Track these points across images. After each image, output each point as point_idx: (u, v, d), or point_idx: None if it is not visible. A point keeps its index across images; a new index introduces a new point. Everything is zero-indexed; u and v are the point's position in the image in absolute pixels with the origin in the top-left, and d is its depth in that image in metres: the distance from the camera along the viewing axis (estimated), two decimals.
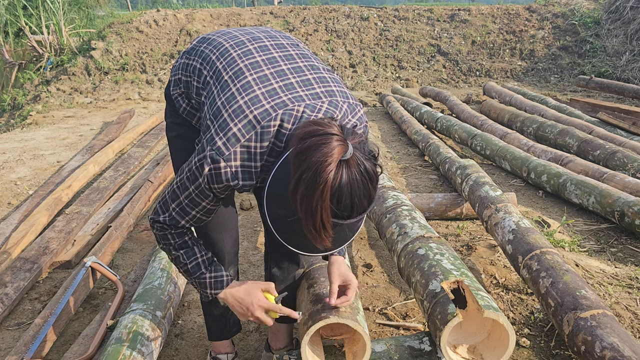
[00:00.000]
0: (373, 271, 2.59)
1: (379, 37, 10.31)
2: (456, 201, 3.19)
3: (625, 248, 2.77)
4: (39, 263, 2.65)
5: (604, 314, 1.66)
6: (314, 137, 1.06)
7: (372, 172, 1.09)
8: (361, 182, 1.07)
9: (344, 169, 1.04)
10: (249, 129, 1.21)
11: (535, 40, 9.79)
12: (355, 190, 1.06)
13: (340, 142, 1.05)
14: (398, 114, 6.07)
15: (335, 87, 1.34)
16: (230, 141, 1.21)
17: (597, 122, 5.18)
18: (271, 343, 1.85)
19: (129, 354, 1.57)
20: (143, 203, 3.52)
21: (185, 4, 14.99)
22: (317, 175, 1.02)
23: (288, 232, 1.17)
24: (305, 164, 1.04)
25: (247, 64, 1.33)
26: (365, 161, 1.08)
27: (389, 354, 1.51)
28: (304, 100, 1.26)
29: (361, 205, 1.09)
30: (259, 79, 1.29)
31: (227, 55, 1.37)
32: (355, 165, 1.06)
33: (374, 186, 1.11)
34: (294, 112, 1.23)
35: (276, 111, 1.22)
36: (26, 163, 4.82)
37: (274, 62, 1.34)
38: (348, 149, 1.06)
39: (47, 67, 9.39)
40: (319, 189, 1.03)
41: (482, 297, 1.45)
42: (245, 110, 1.23)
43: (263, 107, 1.23)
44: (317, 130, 1.07)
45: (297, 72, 1.33)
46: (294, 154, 1.08)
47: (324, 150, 1.03)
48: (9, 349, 2.07)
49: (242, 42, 1.40)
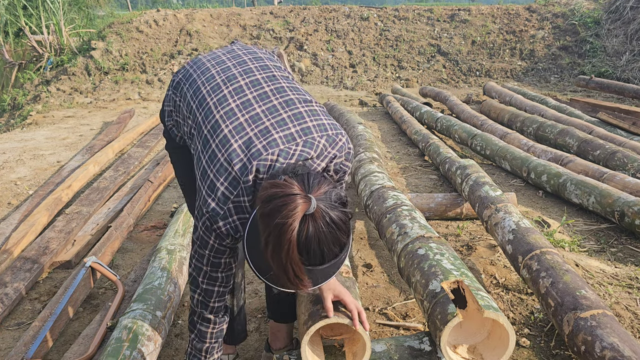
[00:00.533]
0: (373, 271, 2.59)
1: (379, 37, 10.30)
2: (456, 201, 3.19)
3: (625, 248, 2.76)
4: (39, 263, 2.65)
5: (604, 314, 1.66)
6: (275, 200, 1.09)
7: (339, 221, 1.11)
8: (328, 232, 1.09)
9: (310, 222, 1.07)
10: (235, 185, 1.27)
11: (535, 40, 9.79)
12: (323, 240, 1.09)
13: (302, 199, 1.08)
14: (398, 114, 6.07)
15: (311, 122, 1.34)
16: (221, 200, 1.27)
17: (597, 122, 5.18)
18: (271, 343, 1.85)
19: (129, 354, 1.57)
20: (143, 203, 3.52)
21: (185, 4, 14.99)
22: (281, 236, 1.06)
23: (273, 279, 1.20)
24: (269, 227, 1.08)
25: (223, 114, 1.36)
26: (330, 211, 1.10)
27: (389, 354, 1.51)
28: (277, 146, 1.28)
29: (331, 252, 1.12)
30: (234, 129, 1.32)
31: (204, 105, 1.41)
32: (320, 218, 1.08)
33: (343, 232, 1.13)
34: (268, 161, 1.26)
35: (251, 162, 1.26)
36: (26, 163, 4.82)
37: (248, 107, 1.36)
38: (311, 204, 1.08)
39: (47, 67, 9.39)
40: (284, 248, 1.06)
41: (482, 297, 1.45)
42: (227, 167, 1.28)
43: (241, 162, 1.27)
44: (277, 193, 1.10)
45: (270, 114, 1.35)
46: (259, 215, 1.12)
47: (284, 212, 1.06)
48: (9, 349, 2.07)
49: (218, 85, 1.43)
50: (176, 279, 2.19)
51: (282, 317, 1.81)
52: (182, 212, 2.77)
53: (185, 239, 2.53)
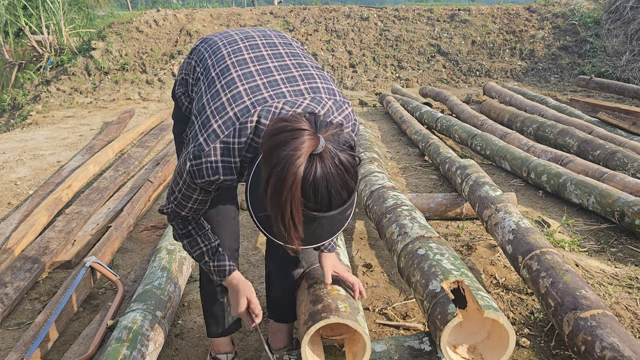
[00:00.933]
0: (373, 271, 2.59)
1: (379, 37, 10.30)
2: (456, 201, 3.19)
3: (625, 248, 2.76)
4: (39, 263, 2.65)
5: (604, 314, 1.66)
6: (283, 133, 1.06)
7: (347, 163, 1.08)
8: (336, 174, 1.06)
9: (318, 162, 1.04)
10: (229, 125, 1.24)
11: (535, 40, 9.79)
12: (331, 182, 1.06)
13: (311, 136, 1.05)
14: (398, 114, 6.07)
15: (321, 84, 1.36)
16: (210, 137, 1.25)
17: (597, 122, 5.18)
18: (271, 343, 1.85)
19: (129, 354, 1.57)
20: (143, 203, 3.52)
21: (185, 4, 14.99)
22: (286, 169, 1.02)
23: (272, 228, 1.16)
24: (274, 160, 1.04)
25: (234, 61, 1.37)
26: (339, 153, 1.07)
27: (389, 354, 1.51)
28: (284, 97, 1.28)
29: (339, 197, 1.09)
30: (243, 75, 1.33)
31: (217, 53, 1.42)
32: (329, 158, 1.05)
33: (352, 177, 1.10)
34: (272, 108, 1.25)
35: (255, 108, 1.25)
36: (26, 163, 4.82)
37: (261, 60, 1.38)
38: (319, 142, 1.05)
39: (47, 67, 9.39)
40: (288, 182, 1.03)
41: (482, 297, 1.45)
42: (227, 107, 1.27)
43: (244, 104, 1.26)
44: (285, 127, 1.08)
45: (282, 70, 1.36)
46: (264, 151, 1.09)
47: (292, 145, 1.04)
48: (9, 349, 2.07)
49: (235, 40, 1.45)
50: (176, 279, 2.19)
51: (282, 317, 1.81)
52: None
53: None
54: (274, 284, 1.80)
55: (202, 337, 2.10)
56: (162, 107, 7.81)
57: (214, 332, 1.81)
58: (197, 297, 2.39)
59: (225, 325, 1.80)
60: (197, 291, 2.45)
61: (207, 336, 1.85)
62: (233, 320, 1.83)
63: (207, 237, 1.50)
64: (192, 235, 1.48)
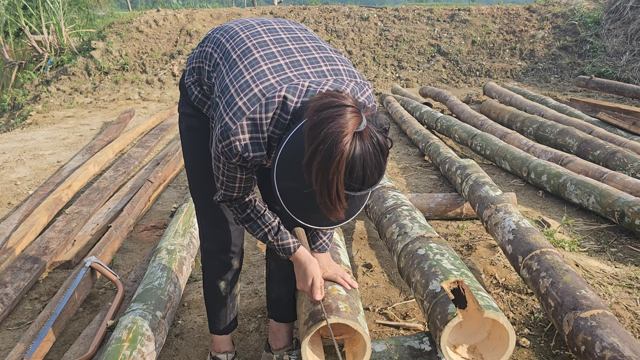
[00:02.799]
0: (373, 271, 2.59)
1: (379, 37, 10.30)
2: (456, 201, 3.19)
3: (625, 248, 2.76)
4: (39, 263, 2.65)
5: (604, 314, 1.66)
6: (330, 109, 1.07)
7: (383, 145, 1.11)
8: (373, 154, 1.08)
9: (358, 140, 1.06)
10: (254, 102, 1.24)
11: (535, 40, 9.79)
12: (368, 162, 1.07)
13: (355, 113, 1.06)
14: (398, 114, 6.07)
15: (342, 66, 1.36)
16: (236, 115, 1.24)
17: (597, 122, 5.18)
18: (271, 343, 1.85)
19: (129, 354, 1.57)
20: (143, 203, 3.52)
21: (185, 4, 14.99)
22: (333, 146, 1.03)
23: (298, 206, 1.18)
24: (321, 136, 1.05)
25: (255, 43, 1.36)
26: (377, 134, 1.09)
27: (389, 354, 1.51)
28: (309, 77, 1.28)
29: (372, 177, 1.10)
30: (266, 56, 1.32)
31: (236, 37, 1.41)
32: (368, 137, 1.07)
33: (385, 159, 1.12)
34: (299, 86, 1.25)
35: (281, 85, 1.25)
36: (26, 163, 4.82)
37: (282, 42, 1.38)
38: (362, 120, 1.07)
39: (47, 67, 9.39)
40: (335, 160, 1.04)
41: (482, 297, 1.45)
42: (251, 84, 1.26)
43: (268, 82, 1.26)
44: (332, 102, 1.08)
45: (304, 52, 1.36)
46: (309, 126, 1.09)
47: (340, 122, 1.04)
48: (9, 349, 2.07)
49: (252, 25, 1.45)
50: (176, 279, 2.19)
51: (283, 316, 1.81)
52: (182, 212, 2.77)
53: (185, 239, 2.53)
54: (275, 283, 1.80)
55: (202, 337, 2.10)
56: (162, 107, 7.80)
57: (217, 329, 1.82)
58: (197, 297, 2.39)
59: (227, 322, 1.82)
60: (197, 291, 2.45)
61: (209, 332, 1.86)
62: (234, 318, 1.84)
63: (266, 218, 1.49)
64: (252, 219, 1.47)
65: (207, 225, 1.70)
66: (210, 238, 1.72)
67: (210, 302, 1.80)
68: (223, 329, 1.82)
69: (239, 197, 1.44)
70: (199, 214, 1.71)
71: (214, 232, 1.69)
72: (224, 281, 1.75)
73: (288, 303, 1.77)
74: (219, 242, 1.70)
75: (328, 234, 1.63)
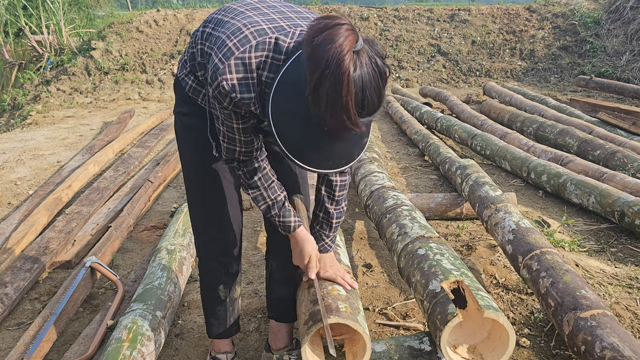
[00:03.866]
0: (373, 271, 2.59)
1: (379, 37, 10.30)
2: (456, 201, 3.19)
3: (625, 248, 2.76)
4: (39, 263, 2.65)
5: (604, 314, 1.66)
6: (326, 31, 1.05)
7: (382, 68, 1.08)
8: (372, 76, 1.06)
9: (356, 60, 1.04)
10: (244, 43, 1.24)
11: (535, 40, 9.79)
12: (367, 83, 1.05)
13: (351, 31, 1.04)
14: (398, 114, 6.07)
15: None
16: (225, 55, 1.24)
17: (597, 122, 5.18)
18: (271, 343, 1.85)
19: (129, 354, 1.57)
20: (143, 203, 3.52)
21: (185, 4, 14.98)
22: (338, 67, 1.01)
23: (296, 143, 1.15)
24: (323, 60, 1.02)
25: (249, 8, 1.39)
26: (376, 56, 1.07)
27: (389, 354, 1.51)
28: (301, 27, 1.29)
29: (372, 101, 1.08)
30: (258, 13, 1.35)
31: (229, 9, 1.42)
32: (366, 58, 1.05)
33: (384, 84, 1.09)
34: (292, 31, 1.27)
35: (273, 32, 1.26)
36: (26, 163, 4.82)
37: (276, 7, 1.40)
38: (359, 39, 1.05)
39: (47, 67, 9.38)
40: (344, 81, 1.01)
41: (482, 297, 1.45)
42: (242, 28, 1.27)
43: (261, 27, 1.27)
44: (327, 24, 1.06)
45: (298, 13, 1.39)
46: (309, 53, 1.06)
47: (338, 41, 1.02)
48: (9, 349, 2.07)
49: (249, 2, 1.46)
50: (176, 279, 2.19)
51: (283, 317, 1.81)
52: (182, 212, 2.77)
53: (185, 239, 2.53)
54: (275, 283, 1.80)
55: (202, 337, 2.10)
56: (162, 107, 7.80)
57: (215, 333, 1.81)
58: (197, 297, 2.39)
59: (227, 325, 1.80)
60: (197, 291, 2.45)
61: (208, 336, 1.85)
62: (234, 321, 1.83)
63: (273, 190, 1.48)
64: (258, 187, 1.46)
65: (205, 230, 1.68)
66: (209, 241, 1.70)
67: (208, 305, 1.78)
68: (222, 332, 1.81)
69: (245, 159, 1.43)
70: (195, 217, 1.69)
71: (213, 235, 1.67)
72: (223, 284, 1.73)
73: (288, 303, 1.77)
74: (219, 244, 1.68)
75: (331, 236, 1.63)
